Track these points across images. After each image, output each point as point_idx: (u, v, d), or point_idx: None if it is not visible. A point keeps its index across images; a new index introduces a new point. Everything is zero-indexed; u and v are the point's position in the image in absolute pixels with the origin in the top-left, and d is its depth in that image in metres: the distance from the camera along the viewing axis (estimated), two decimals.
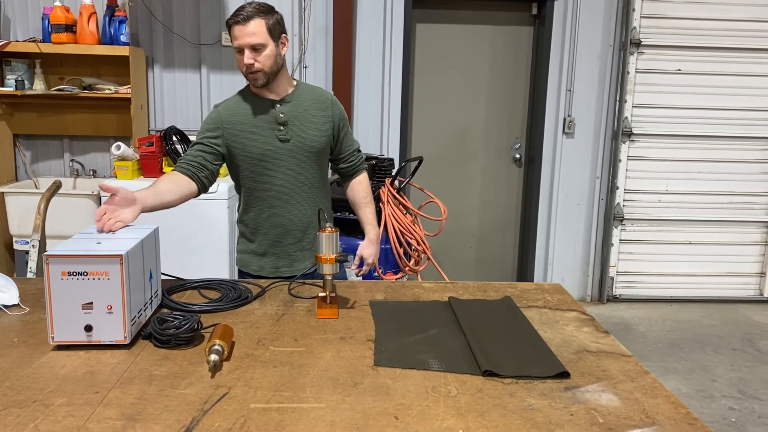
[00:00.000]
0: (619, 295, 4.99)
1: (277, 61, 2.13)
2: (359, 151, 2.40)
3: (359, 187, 2.39)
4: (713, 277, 5.02)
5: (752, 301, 5.03)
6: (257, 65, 2.08)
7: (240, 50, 2.08)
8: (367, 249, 2.34)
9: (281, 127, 2.18)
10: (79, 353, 1.48)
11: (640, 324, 4.53)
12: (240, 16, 2.05)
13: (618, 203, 4.84)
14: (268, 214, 2.25)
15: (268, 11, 2.10)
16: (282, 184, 2.21)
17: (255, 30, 2.05)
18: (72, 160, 4.47)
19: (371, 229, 2.36)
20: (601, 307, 4.88)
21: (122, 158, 3.64)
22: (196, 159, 2.16)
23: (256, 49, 2.07)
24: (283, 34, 2.15)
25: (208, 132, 2.19)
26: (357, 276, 2.40)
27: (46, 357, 1.46)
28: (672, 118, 4.76)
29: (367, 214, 2.38)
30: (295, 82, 2.27)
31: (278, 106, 2.19)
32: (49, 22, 3.99)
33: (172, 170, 2.17)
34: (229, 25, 2.08)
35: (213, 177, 2.21)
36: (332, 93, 2.35)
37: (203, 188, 2.19)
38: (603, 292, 4.97)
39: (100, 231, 1.70)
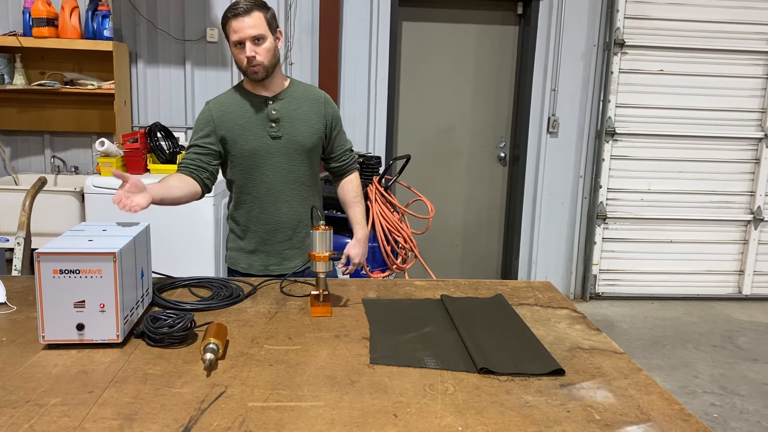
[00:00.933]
0: (602, 292, 5.05)
1: (276, 55, 2.13)
2: (352, 150, 2.40)
3: (349, 186, 2.38)
4: (693, 275, 5.09)
5: (731, 298, 5.11)
6: (259, 57, 2.07)
7: (239, 44, 2.07)
8: (354, 249, 2.33)
9: (273, 124, 2.17)
10: (70, 352, 1.46)
11: (622, 321, 4.59)
12: (239, 9, 2.05)
13: (601, 202, 4.89)
14: (258, 212, 2.23)
15: (264, 5, 2.10)
16: (272, 182, 2.20)
17: (255, 22, 2.05)
18: (53, 157, 4.40)
19: (359, 229, 2.36)
20: (584, 304, 4.92)
21: (106, 154, 3.59)
22: (194, 162, 2.16)
23: (257, 40, 2.06)
24: (278, 29, 2.16)
25: (201, 132, 2.18)
26: (343, 275, 2.40)
27: (37, 356, 1.44)
28: (654, 118, 4.82)
29: (356, 213, 2.37)
30: (288, 80, 2.26)
31: (271, 103, 2.18)
32: (30, 16, 3.93)
33: (175, 172, 2.18)
34: (227, 19, 2.07)
35: (213, 177, 2.22)
36: (325, 92, 2.34)
37: (206, 189, 2.19)
38: (586, 290, 5.02)
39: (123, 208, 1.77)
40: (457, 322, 1.69)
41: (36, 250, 1.43)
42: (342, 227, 3.47)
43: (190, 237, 3.59)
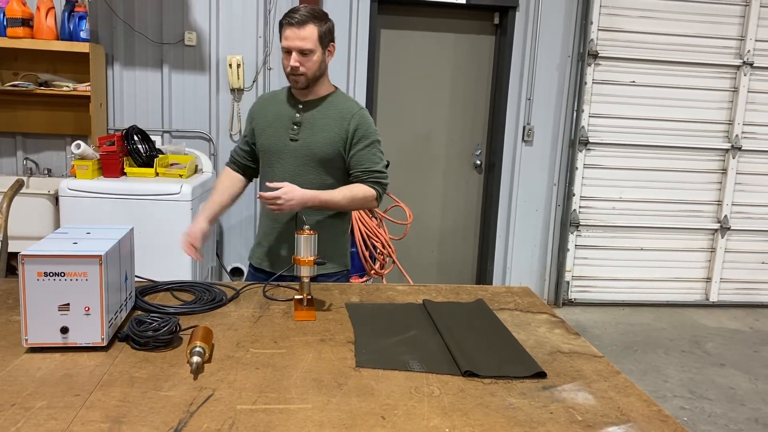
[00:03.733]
0: (575, 299, 5.13)
1: (321, 68, 2.16)
2: (374, 171, 2.21)
3: (354, 185, 2.22)
4: (663, 282, 5.21)
5: (698, 305, 5.24)
6: (302, 69, 2.12)
7: (288, 50, 2.12)
8: (292, 187, 2.08)
9: (294, 127, 2.21)
10: (54, 355, 1.45)
11: (594, 327, 4.67)
12: (295, 18, 2.07)
13: (574, 210, 4.98)
14: (267, 209, 2.21)
15: (321, 17, 2.12)
16: (281, 182, 2.18)
17: (307, 35, 2.08)
18: (26, 159, 4.33)
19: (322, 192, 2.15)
20: (557, 310, 4.97)
21: (82, 157, 3.54)
22: (238, 155, 2.40)
23: (304, 53, 2.10)
24: (332, 43, 2.18)
25: (246, 126, 2.38)
26: (258, 197, 2.16)
27: (20, 360, 1.42)
28: (626, 128, 4.93)
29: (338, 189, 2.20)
30: (333, 90, 2.27)
31: (300, 106, 2.22)
32: (4, 16, 3.86)
33: (225, 169, 2.44)
34: (282, 24, 2.11)
35: (255, 169, 2.42)
36: (364, 110, 2.26)
37: (248, 179, 2.45)
38: (559, 296, 5.10)
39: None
40: (440, 326, 1.71)
41: (20, 253, 1.42)
42: None
43: (168, 241, 3.55)
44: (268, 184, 2.13)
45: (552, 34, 4.77)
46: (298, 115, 2.21)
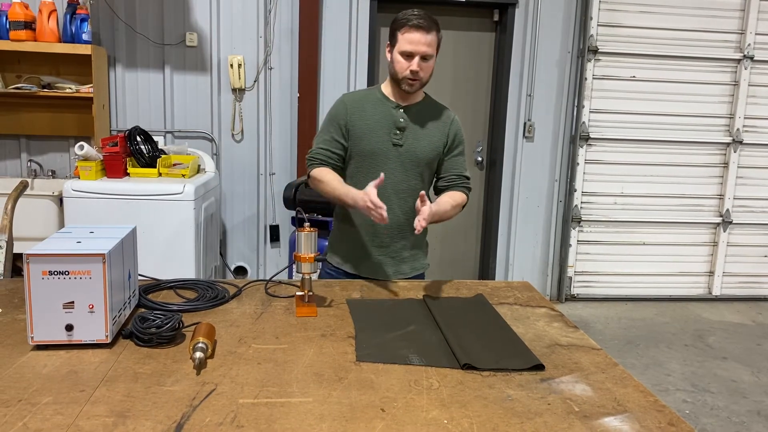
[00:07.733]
0: (577, 294, 5.14)
1: (431, 74, 2.18)
2: (467, 177, 2.32)
3: (450, 193, 2.27)
4: (665, 276, 5.22)
5: (701, 299, 5.25)
6: (421, 74, 2.12)
7: (409, 55, 2.09)
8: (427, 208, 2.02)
9: (398, 131, 2.19)
10: (59, 353, 1.47)
11: (597, 322, 4.68)
12: (423, 23, 2.06)
13: (576, 205, 4.99)
14: (362, 214, 2.12)
15: (438, 25, 2.13)
16: (384, 187, 2.14)
17: (432, 41, 2.09)
18: (30, 161, 4.36)
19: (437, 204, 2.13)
20: (559, 305, 5.01)
21: (85, 158, 3.57)
22: (330, 158, 2.21)
23: (425, 59, 2.10)
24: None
25: (332, 127, 2.22)
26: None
27: (26, 357, 1.45)
28: (627, 123, 4.94)
29: (443, 199, 2.22)
30: (423, 94, 2.30)
31: (401, 110, 2.21)
32: (6, 19, 3.90)
33: (320, 168, 2.20)
34: (404, 25, 2.07)
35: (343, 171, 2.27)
36: (456, 115, 2.36)
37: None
38: (561, 292, 5.11)
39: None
40: (439, 321, 1.73)
41: (25, 252, 1.45)
42: (321, 231, 3.49)
43: (170, 240, 3.59)
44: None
45: (552, 31, 4.78)
46: (402, 120, 2.19)
